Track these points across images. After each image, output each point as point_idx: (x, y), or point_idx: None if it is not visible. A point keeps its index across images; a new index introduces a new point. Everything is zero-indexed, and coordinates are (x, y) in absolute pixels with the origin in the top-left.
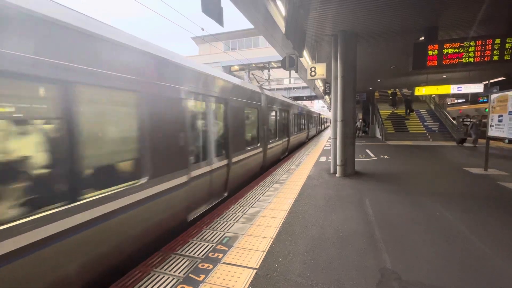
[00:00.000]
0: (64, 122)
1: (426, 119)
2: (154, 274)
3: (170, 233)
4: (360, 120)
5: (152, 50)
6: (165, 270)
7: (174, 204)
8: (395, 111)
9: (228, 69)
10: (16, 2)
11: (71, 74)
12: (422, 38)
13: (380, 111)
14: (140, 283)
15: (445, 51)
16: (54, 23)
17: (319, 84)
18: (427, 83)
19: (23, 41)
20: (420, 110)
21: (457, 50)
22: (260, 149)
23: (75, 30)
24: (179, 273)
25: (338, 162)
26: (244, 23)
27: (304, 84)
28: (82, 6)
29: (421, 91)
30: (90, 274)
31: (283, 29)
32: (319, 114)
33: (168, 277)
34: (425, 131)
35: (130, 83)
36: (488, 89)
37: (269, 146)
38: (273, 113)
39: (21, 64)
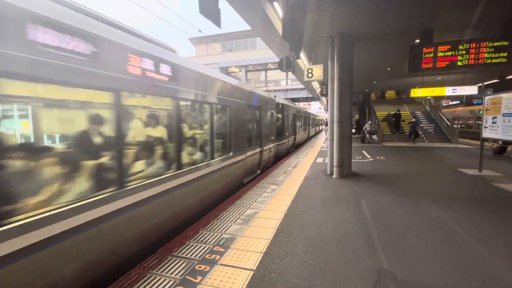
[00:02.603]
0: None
1: (421, 120)
2: (151, 276)
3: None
4: (370, 122)
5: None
6: (161, 272)
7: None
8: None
9: (225, 70)
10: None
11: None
12: (417, 41)
13: (376, 113)
14: (137, 285)
15: (440, 53)
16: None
17: (316, 85)
18: (422, 85)
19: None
20: (416, 112)
21: (452, 53)
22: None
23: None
24: (176, 275)
25: (334, 163)
26: (241, 24)
27: (301, 86)
28: None
29: (417, 92)
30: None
31: (280, 30)
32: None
33: (165, 279)
34: (421, 133)
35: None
36: (482, 91)
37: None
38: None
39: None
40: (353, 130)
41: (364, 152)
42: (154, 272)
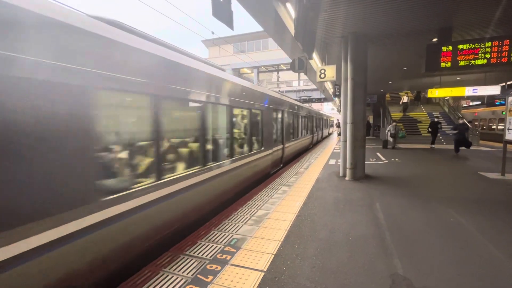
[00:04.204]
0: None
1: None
2: (163, 274)
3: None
4: (395, 124)
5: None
6: (174, 270)
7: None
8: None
9: (237, 72)
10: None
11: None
12: (435, 39)
13: (392, 114)
14: (150, 283)
15: (459, 52)
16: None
17: (329, 86)
18: (440, 85)
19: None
20: (434, 113)
21: (472, 51)
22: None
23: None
24: (187, 274)
25: (347, 165)
26: (253, 26)
27: (314, 86)
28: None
29: (434, 93)
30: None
31: (292, 31)
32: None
33: (177, 277)
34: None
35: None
36: (505, 91)
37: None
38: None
39: None
40: None
41: (378, 154)
42: (167, 270)
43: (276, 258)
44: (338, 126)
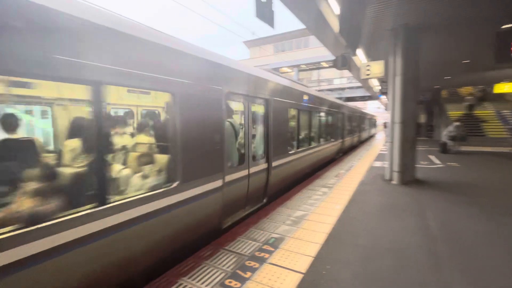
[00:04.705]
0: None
1: (510, 121)
2: (205, 266)
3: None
4: (457, 124)
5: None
6: (215, 263)
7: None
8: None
9: (277, 71)
10: None
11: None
12: (507, 26)
13: (449, 112)
14: (193, 272)
15: None
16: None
17: (374, 83)
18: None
19: None
20: (502, 111)
21: None
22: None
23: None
24: (227, 268)
25: (395, 168)
26: (294, 24)
27: (357, 84)
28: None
29: (503, 88)
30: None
31: (335, 27)
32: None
33: (218, 270)
34: (510, 136)
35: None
36: None
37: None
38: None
39: None
40: None
41: (431, 157)
42: (208, 262)
43: (315, 261)
44: (386, 127)
